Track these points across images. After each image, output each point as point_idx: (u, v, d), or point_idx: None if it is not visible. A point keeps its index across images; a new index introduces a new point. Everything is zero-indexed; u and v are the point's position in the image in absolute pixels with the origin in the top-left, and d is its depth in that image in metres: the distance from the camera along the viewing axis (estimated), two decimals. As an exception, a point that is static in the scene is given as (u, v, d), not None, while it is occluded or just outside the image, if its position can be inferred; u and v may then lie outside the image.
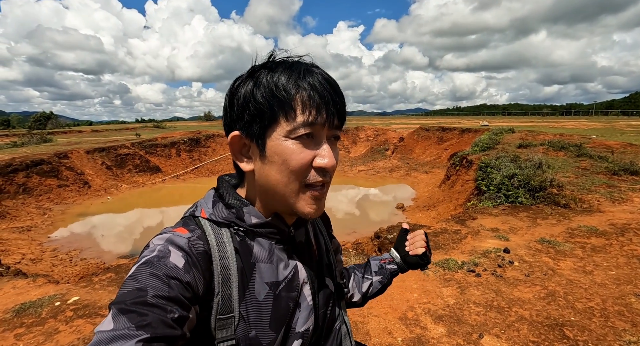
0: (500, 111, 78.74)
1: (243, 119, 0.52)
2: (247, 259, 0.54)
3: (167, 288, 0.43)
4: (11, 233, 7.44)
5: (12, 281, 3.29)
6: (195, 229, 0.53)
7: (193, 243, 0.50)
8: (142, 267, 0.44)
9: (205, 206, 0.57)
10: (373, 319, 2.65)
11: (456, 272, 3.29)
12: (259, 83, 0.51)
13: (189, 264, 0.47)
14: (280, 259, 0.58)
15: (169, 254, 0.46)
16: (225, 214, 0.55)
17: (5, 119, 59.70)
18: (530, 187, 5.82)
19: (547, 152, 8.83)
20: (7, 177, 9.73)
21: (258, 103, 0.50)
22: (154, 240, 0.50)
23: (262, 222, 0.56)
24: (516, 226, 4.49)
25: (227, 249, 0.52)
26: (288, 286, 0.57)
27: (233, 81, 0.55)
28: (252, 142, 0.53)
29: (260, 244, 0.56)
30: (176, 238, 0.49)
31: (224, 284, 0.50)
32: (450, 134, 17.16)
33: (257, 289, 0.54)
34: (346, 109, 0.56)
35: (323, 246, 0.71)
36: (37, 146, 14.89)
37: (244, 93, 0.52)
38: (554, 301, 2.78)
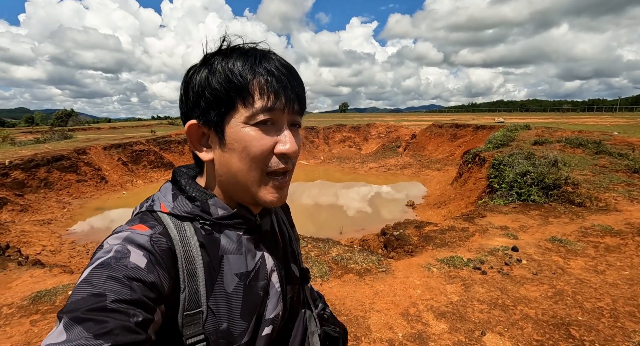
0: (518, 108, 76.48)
1: (199, 107, 0.51)
2: (214, 252, 0.53)
3: (128, 291, 0.40)
4: (33, 225, 7.78)
5: (30, 271, 3.46)
6: (156, 225, 0.50)
7: (155, 240, 0.47)
8: (97, 270, 0.41)
9: (165, 199, 0.54)
10: (374, 314, 2.65)
11: (461, 269, 3.25)
12: (214, 70, 0.49)
13: (152, 263, 0.44)
14: (248, 249, 0.57)
15: (129, 254, 0.43)
16: (189, 207, 0.53)
17: (30, 117, 62.33)
18: (543, 185, 5.66)
19: (563, 149, 8.55)
20: (30, 172, 10.15)
21: (214, 90, 0.49)
22: (108, 240, 0.46)
23: (229, 213, 0.55)
24: (526, 225, 4.39)
25: (192, 243, 0.50)
26: (257, 275, 0.57)
27: (187, 69, 0.54)
28: (210, 131, 0.52)
29: (228, 236, 0.55)
30: (135, 236, 0.46)
31: (189, 280, 0.48)
32: (464, 131, 16.82)
33: (226, 281, 0.53)
34: (305, 95, 0.55)
35: (286, 234, 0.71)
36: (58, 143, 15.47)
37: (198, 81, 0.50)
38: (561, 300, 2.71)
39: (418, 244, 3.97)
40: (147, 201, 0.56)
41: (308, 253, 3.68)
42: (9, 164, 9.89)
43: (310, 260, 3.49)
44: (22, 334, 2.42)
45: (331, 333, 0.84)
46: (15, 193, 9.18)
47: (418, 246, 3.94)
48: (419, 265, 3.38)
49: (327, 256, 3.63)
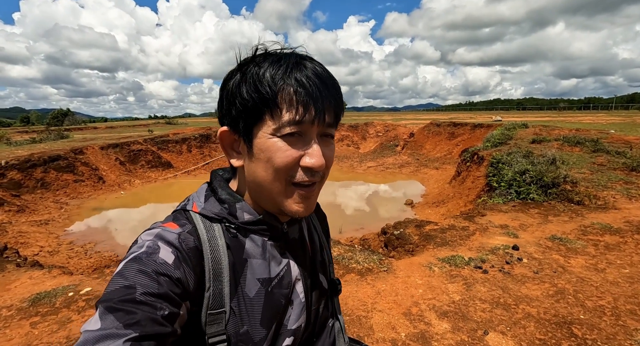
0: (515, 106, 76.69)
1: (230, 115, 0.51)
2: (238, 254, 0.53)
3: (156, 285, 0.42)
4: (30, 226, 7.72)
5: (28, 272, 3.42)
6: (186, 223, 0.51)
7: (183, 238, 0.49)
8: (130, 264, 0.43)
9: (198, 199, 0.56)
10: (377, 314, 2.65)
11: (463, 269, 3.26)
12: (245, 77, 0.49)
13: (179, 259, 0.46)
14: (273, 256, 0.57)
15: (158, 250, 0.45)
16: (218, 209, 0.54)
17: (25, 116, 61.78)
18: (542, 183, 5.68)
19: (561, 147, 8.59)
20: (27, 172, 10.07)
21: (243, 100, 0.48)
22: (142, 236, 0.49)
23: (254, 219, 0.55)
24: (526, 223, 4.40)
25: (219, 243, 0.51)
26: (280, 283, 0.57)
27: (227, 72, 0.53)
28: (240, 138, 0.52)
29: (253, 241, 0.56)
30: (166, 233, 0.48)
31: (215, 279, 0.50)
32: (461, 129, 16.86)
33: (249, 285, 0.53)
34: (342, 104, 0.53)
35: (317, 243, 0.69)
36: (54, 142, 15.34)
37: (231, 87, 0.50)
38: (563, 299, 2.72)
39: (419, 244, 3.98)
40: (185, 200, 0.58)
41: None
42: (5, 165, 9.80)
43: (311, 260, 3.49)
44: (22, 336, 2.40)
45: None
46: (12, 194, 9.09)
47: (419, 245, 3.94)
48: (420, 264, 3.38)
49: (328, 255, 3.62)
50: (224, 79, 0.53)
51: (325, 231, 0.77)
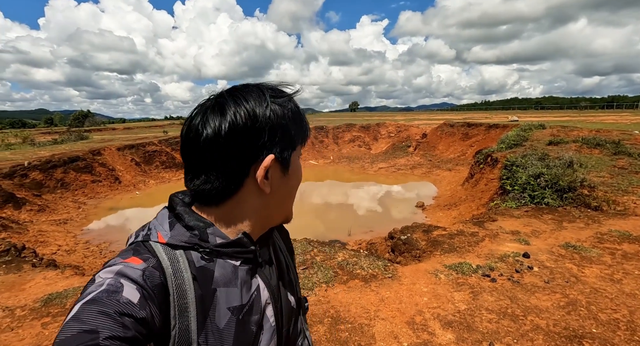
0: (533, 105, 74.45)
1: (278, 145, 0.54)
2: (207, 285, 0.52)
3: (120, 328, 0.39)
4: (49, 225, 8.03)
5: (43, 272, 3.55)
6: (149, 257, 0.49)
7: (148, 275, 0.46)
8: (88, 306, 0.40)
9: (162, 228, 0.53)
10: (379, 322, 2.62)
11: (470, 276, 3.18)
12: (289, 111, 0.55)
13: (145, 298, 0.44)
14: (244, 281, 0.56)
15: (122, 288, 0.43)
16: (187, 236, 0.52)
17: (49, 118, 64.37)
18: (558, 187, 5.49)
19: (580, 149, 8.28)
20: (48, 172, 10.48)
21: (290, 130, 0.56)
22: (100, 273, 0.46)
23: (227, 241, 0.54)
24: (539, 229, 4.26)
25: (185, 276, 0.50)
26: (251, 309, 0.56)
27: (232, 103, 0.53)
28: (276, 164, 0.55)
29: (223, 267, 0.54)
30: (128, 270, 0.45)
31: (180, 316, 0.48)
32: (476, 130, 16.50)
33: (219, 316, 0.52)
34: None
35: (283, 263, 0.70)
36: (74, 143, 15.92)
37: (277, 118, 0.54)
38: (574, 310, 2.62)
39: (426, 249, 3.91)
40: (143, 229, 0.54)
41: (314, 258, 3.66)
42: (28, 165, 10.23)
43: (315, 265, 3.47)
44: (33, 336, 2.49)
45: None
46: (34, 193, 9.48)
47: (426, 251, 3.87)
48: (426, 271, 3.32)
49: (332, 261, 3.60)
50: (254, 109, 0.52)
51: (289, 249, 0.77)
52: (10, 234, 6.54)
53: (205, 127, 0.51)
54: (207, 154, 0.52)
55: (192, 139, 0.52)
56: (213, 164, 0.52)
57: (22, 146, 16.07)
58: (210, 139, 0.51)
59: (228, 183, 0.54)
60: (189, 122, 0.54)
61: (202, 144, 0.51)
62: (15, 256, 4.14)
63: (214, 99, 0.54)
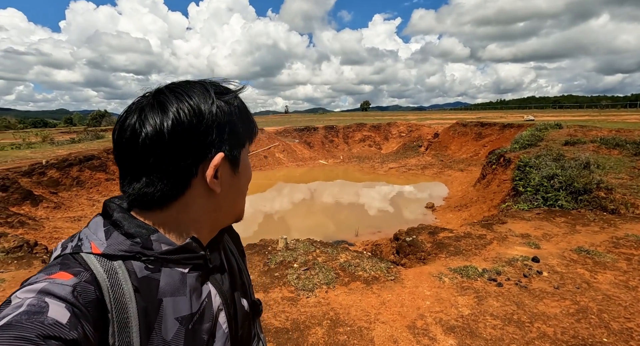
0: (551, 104, 72.22)
1: (227, 142, 0.53)
2: (151, 296, 0.48)
3: None
4: (65, 222, 8.28)
5: (53, 268, 3.66)
6: (81, 271, 0.44)
7: (80, 290, 0.41)
8: (2, 332, 0.34)
9: (95, 238, 0.48)
10: (379, 326, 2.57)
11: (475, 280, 3.09)
12: (235, 107, 0.54)
13: (77, 317, 0.39)
14: (194, 288, 0.53)
15: (46, 308, 0.38)
16: (127, 245, 0.48)
17: (69, 117, 66.64)
18: (572, 189, 5.29)
19: (598, 150, 7.97)
20: (64, 171, 10.80)
21: (238, 127, 0.55)
22: (17, 294, 0.40)
23: (174, 247, 0.51)
24: (550, 233, 4.11)
25: (124, 288, 0.46)
26: (202, 317, 0.53)
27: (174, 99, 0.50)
28: (226, 163, 0.54)
29: (169, 276, 0.51)
30: (54, 287, 0.40)
31: (120, 332, 0.44)
32: (489, 129, 16.13)
33: (165, 327, 0.49)
34: None
35: (235, 266, 0.68)
36: (91, 142, 16.37)
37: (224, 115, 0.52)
38: (584, 318, 2.50)
39: (431, 251, 3.82)
40: (71, 239, 0.49)
41: (316, 259, 3.63)
42: (46, 164, 10.57)
43: (317, 266, 3.45)
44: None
45: None
46: (50, 191, 9.79)
47: (431, 254, 3.79)
48: (430, 274, 3.25)
49: (334, 262, 3.57)
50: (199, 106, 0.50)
51: (240, 252, 0.75)
52: (27, 230, 6.77)
53: (144, 126, 0.47)
54: (147, 155, 0.48)
55: (128, 140, 0.48)
56: (155, 165, 0.48)
57: (42, 145, 16.63)
58: (151, 138, 0.47)
59: (173, 184, 0.50)
60: (122, 122, 0.49)
61: (142, 144, 0.47)
62: (27, 252, 4.28)
63: (152, 96, 0.50)
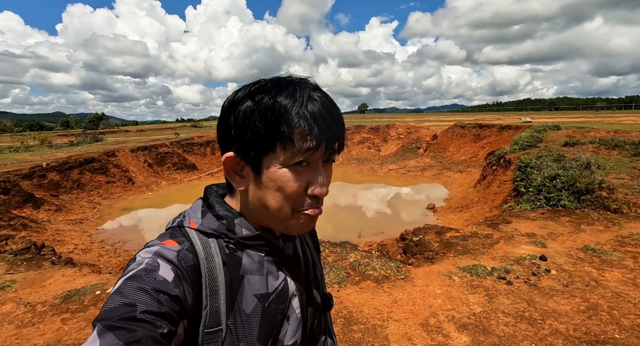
0: (547, 106, 72.84)
1: (239, 142, 0.51)
2: (235, 271, 0.54)
3: (156, 303, 0.42)
4: (66, 224, 8.23)
5: (62, 270, 3.65)
6: (184, 241, 0.52)
7: (183, 256, 0.49)
8: (129, 281, 0.43)
9: (194, 216, 0.56)
10: (393, 323, 2.59)
11: (485, 279, 3.12)
12: (260, 108, 0.49)
13: (179, 277, 0.46)
14: (270, 271, 0.57)
15: (158, 267, 0.45)
16: (216, 225, 0.55)
17: (65, 120, 66.34)
18: (575, 189, 5.36)
19: (597, 151, 8.06)
20: (64, 173, 10.75)
21: (257, 130, 0.48)
22: (141, 253, 0.49)
23: (252, 234, 0.56)
24: (556, 232, 4.16)
25: (216, 261, 0.52)
26: (277, 298, 0.57)
27: (231, 95, 0.53)
28: (247, 165, 0.52)
29: (250, 256, 0.56)
30: (165, 251, 0.48)
31: (211, 297, 0.50)
32: (487, 131, 16.25)
33: (245, 301, 0.53)
34: (344, 134, 0.55)
35: (310, 259, 0.70)
36: (90, 145, 16.30)
37: (243, 114, 0.49)
38: (595, 315, 2.54)
39: (439, 251, 3.86)
40: (179, 216, 0.58)
41: (325, 258, 3.66)
42: (46, 166, 10.51)
43: (327, 265, 3.47)
44: (53, 332, 2.55)
45: None
46: (51, 194, 9.73)
47: (439, 253, 3.82)
48: (439, 273, 3.28)
49: (344, 261, 3.59)
50: (232, 101, 0.51)
51: (316, 247, 0.77)
52: (30, 233, 6.74)
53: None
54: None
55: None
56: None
57: (40, 148, 16.54)
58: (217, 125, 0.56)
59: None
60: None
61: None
62: (35, 253, 4.27)
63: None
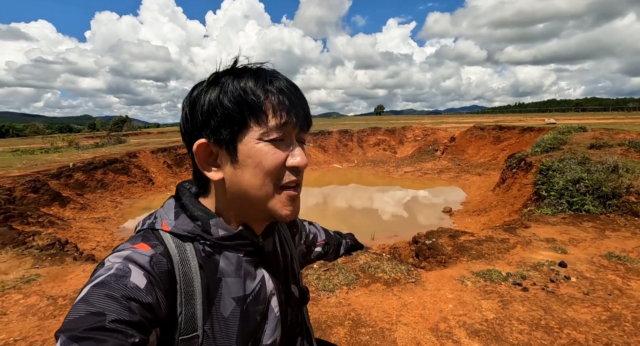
0: (573, 107, 69.81)
1: (209, 126, 0.50)
2: (212, 274, 0.52)
3: (127, 312, 0.40)
4: (90, 222, 8.59)
5: (83, 266, 3.81)
6: (157, 244, 0.49)
7: (156, 261, 0.47)
8: (97, 289, 0.41)
9: (167, 217, 0.53)
10: (401, 327, 2.55)
11: (499, 284, 3.02)
12: (226, 89, 0.50)
13: (152, 284, 0.44)
14: (248, 272, 0.56)
15: (129, 273, 0.43)
16: (190, 227, 0.52)
17: (92, 123, 69.53)
18: (600, 193, 5.10)
19: (626, 153, 7.64)
20: (89, 174, 11.24)
21: (226, 108, 0.49)
22: (110, 258, 0.46)
23: (230, 234, 0.54)
24: (577, 238, 3.97)
25: (191, 264, 0.50)
26: (255, 299, 0.56)
27: (190, 91, 0.53)
28: (220, 149, 0.51)
29: (227, 258, 0.54)
30: (137, 256, 0.46)
31: (187, 303, 0.48)
32: (508, 133, 15.76)
33: (223, 305, 0.52)
34: (310, 114, 0.57)
35: (288, 254, 0.70)
36: (113, 147, 16.99)
37: (208, 100, 0.50)
38: (618, 326, 2.41)
39: (452, 255, 3.76)
40: (149, 217, 0.55)
41: (335, 260, 3.64)
42: (73, 167, 11.03)
43: (337, 267, 3.46)
44: (72, 324, 2.66)
45: None
46: (77, 193, 10.20)
47: (452, 257, 3.73)
48: (451, 277, 3.20)
49: (354, 263, 3.57)
50: (191, 93, 0.53)
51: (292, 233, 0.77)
52: (56, 230, 7.08)
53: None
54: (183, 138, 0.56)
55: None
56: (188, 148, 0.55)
57: (68, 149, 17.38)
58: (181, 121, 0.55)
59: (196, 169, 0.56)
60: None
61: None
62: (59, 249, 4.48)
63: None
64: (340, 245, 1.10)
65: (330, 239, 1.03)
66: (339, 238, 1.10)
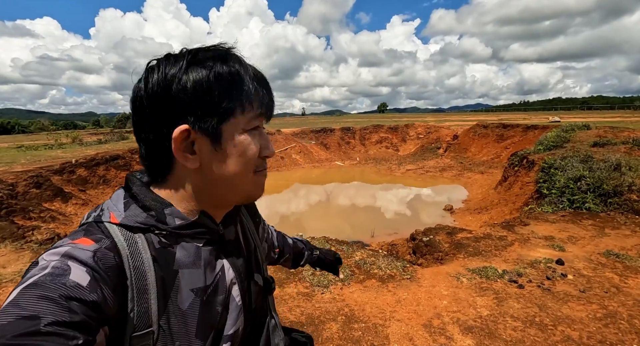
0: (579, 105, 69.06)
1: (193, 112, 0.47)
2: (168, 266, 0.49)
3: (66, 313, 0.36)
4: (92, 217, 8.68)
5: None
6: (102, 238, 0.45)
7: (101, 256, 0.43)
8: (29, 290, 0.37)
9: (115, 209, 0.50)
10: (395, 323, 2.55)
11: (495, 281, 3.00)
12: (215, 74, 0.47)
13: (96, 280, 0.40)
14: (208, 262, 0.54)
15: (69, 271, 0.39)
16: (143, 217, 0.49)
17: (96, 120, 70.03)
18: (601, 191, 5.05)
19: (630, 152, 7.55)
20: (92, 170, 11.32)
21: (217, 96, 0.47)
22: (44, 256, 0.42)
23: (186, 223, 0.51)
24: (576, 235, 3.93)
25: (143, 257, 0.47)
26: (215, 289, 0.54)
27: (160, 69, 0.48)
28: (202, 136, 0.48)
29: (185, 249, 0.52)
30: (77, 252, 0.42)
31: (139, 298, 0.45)
32: (512, 131, 15.63)
33: (181, 298, 0.50)
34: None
35: (252, 242, 0.68)
36: (116, 143, 17.08)
37: (195, 84, 0.46)
38: (613, 323, 2.38)
39: (449, 252, 3.75)
40: (95, 210, 0.51)
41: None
42: (75, 163, 11.12)
43: (332, 263, 3.46)
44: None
45: (298, 338, 0.82)
46: (79, 188, 10.28)
47: (448, 254, 3.71)
48: (447, 274, 3.18)
49: (350, 259, 3.56)
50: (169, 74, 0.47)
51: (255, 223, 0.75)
52: (58, 225, 7.14)
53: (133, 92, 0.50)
54: (134, 124, 0.51)
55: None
56: (142, 136, 0.50)
57: (72, 146, 17.50)
58: (133, 105, 0.50)
59: (159, 156, 0.51)
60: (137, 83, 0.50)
61: (131, 110, 0.50)
62: (58, 243, 4.53)
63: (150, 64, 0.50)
64: (301, 255, 1.05)
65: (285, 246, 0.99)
66: (302, 247, 1.05)
